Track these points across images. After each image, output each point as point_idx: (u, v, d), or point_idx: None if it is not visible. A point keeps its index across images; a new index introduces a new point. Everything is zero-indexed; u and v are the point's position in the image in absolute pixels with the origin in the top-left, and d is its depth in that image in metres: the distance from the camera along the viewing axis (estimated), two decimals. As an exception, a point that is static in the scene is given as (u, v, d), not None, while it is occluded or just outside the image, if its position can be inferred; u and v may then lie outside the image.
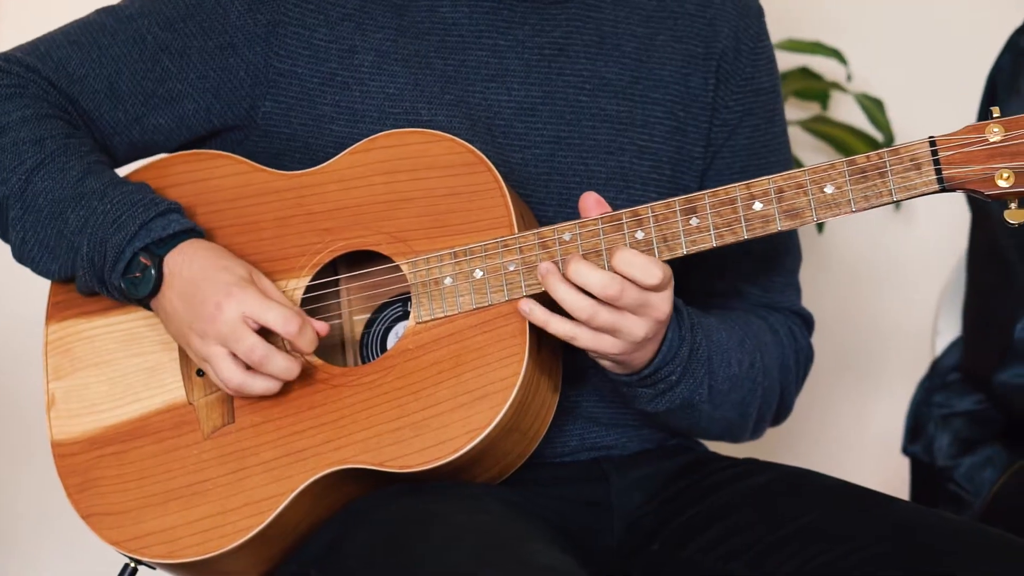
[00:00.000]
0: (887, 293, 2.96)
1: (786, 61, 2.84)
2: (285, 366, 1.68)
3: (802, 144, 2.90)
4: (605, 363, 1.69)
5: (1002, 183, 1.62)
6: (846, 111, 2.88)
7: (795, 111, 2.90)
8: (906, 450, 2.33)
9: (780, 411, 1.89)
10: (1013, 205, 1.63)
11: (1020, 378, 2.17)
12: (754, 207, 1.66)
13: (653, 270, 1.63)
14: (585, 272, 1.63)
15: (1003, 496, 2.17)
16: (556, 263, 1.67)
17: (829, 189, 1.65)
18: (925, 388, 2.33)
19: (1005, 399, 2.20)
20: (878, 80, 2.88)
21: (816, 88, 2.84)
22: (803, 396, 1.95)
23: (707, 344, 1.74)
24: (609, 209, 1.67)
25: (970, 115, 2.38)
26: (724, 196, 1.66)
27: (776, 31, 2.82)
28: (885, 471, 2.70)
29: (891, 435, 2.64)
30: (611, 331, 1.64)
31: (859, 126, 2.84)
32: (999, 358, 2.18)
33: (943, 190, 1.63)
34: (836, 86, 2.83)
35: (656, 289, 1.64)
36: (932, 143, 1.63)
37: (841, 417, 2.97)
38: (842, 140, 2.85)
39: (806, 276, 2.00)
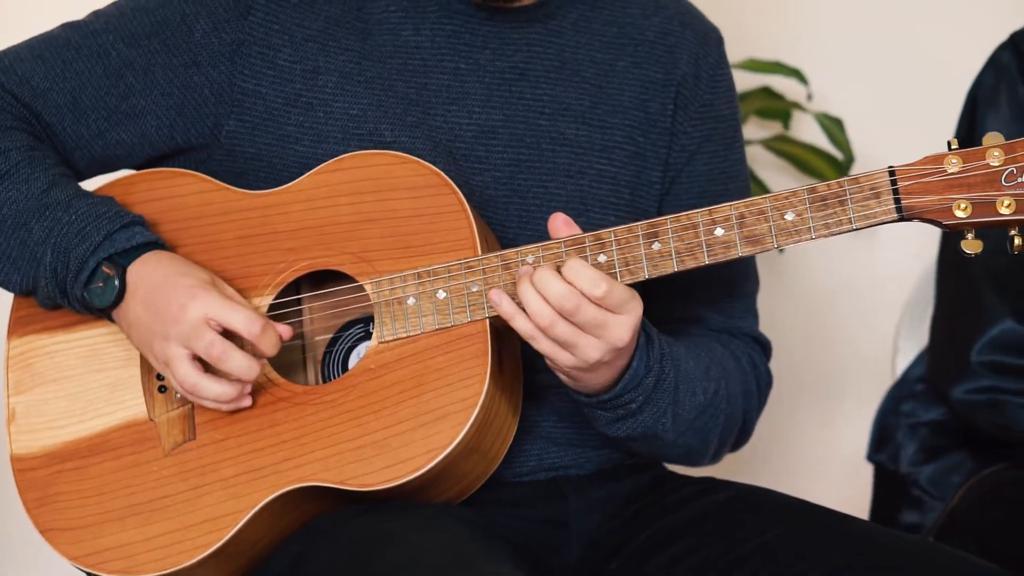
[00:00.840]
0: (847, 315, 2.97)
1: (748, 81, 2.86)
2: (245, 364, 1.67)
3: (764, 163, 2.92)
4: (562, 377, 1.70)
5: (959, 214, 1.64)
6: (808, 130, 2.90)
7: (757, 130, 2.92)
8: (871, 458, 2.35)
9: (740, 437, 1.91)
10: (970, 235, 1.65)
11: (973, 395, 2.20)
12: (716, 232, 1.67)
13: (599, 282, 1.62)
14: (548, 280, 1.63)
15: (962, 507, 2.19)
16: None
17: (790, 216, 1.66)
18: (893, 397, 2.35)
19: (961, 415, 2.23)
20: (839, 99, 2.89)
21: (778, 107, 2.86)
22: (763, 417, 1.97)
23: (675, 374, 1.74)
24: (578, 230, 1.68)
25: (930, 134, 2.40)
26: (686, 221, 1.67)
27: (737, 51, 2.84)
28: (847, 490, 2.71)
29: (852, 456, 2.65)
30: (567, 346, 1.64)
31: (820, 145, 2.85)
32: (957, 374, 2.21)
33: (901, 219, 1.65)
34: (797, 106, 2.85)
35: (610, 309, 1.64)
36: (892, 173, 1.64)
37: (802, 437, 2.99)
38: (803, 159, 2.86)
39: (766, 297, 2.01)
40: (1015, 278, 2.19)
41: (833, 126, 2.80)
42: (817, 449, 2.98)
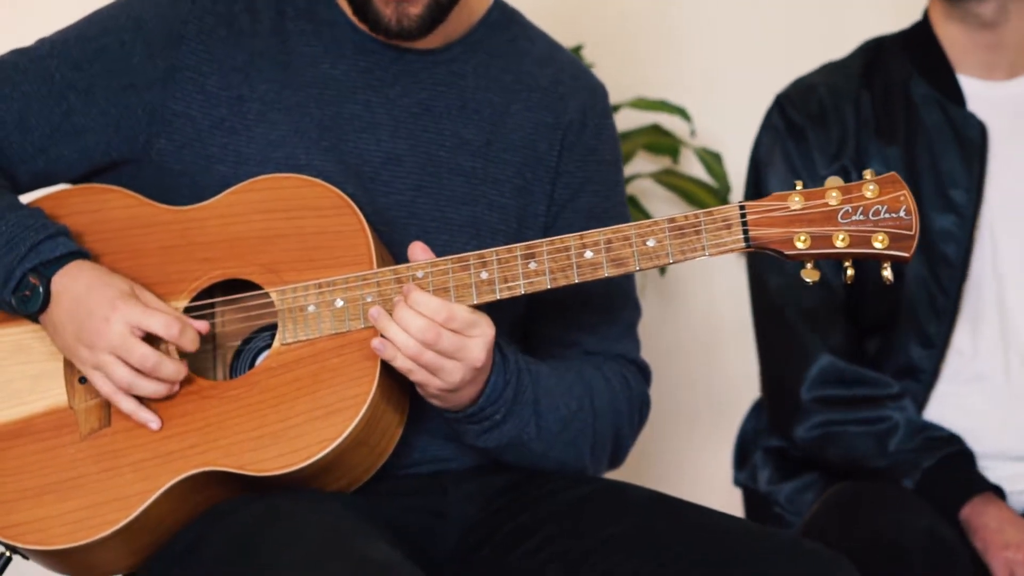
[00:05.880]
0: (736, 340, 3.06)
1: (637, 118, 2.97)
2: (174, 369, 1.77)
3: (653, 195, 3.01)
4: (434, 402, 1.80)
5: (800, 245, 1.75)
6: (696, 164, 3.01)
7: (647, 164, 3.01)
8: (736, 480, 2.43)
9: (616, 454, 1.96)
10: (809, 265, 1.76)
11: (812, 431, 2.27)
12: (585, 255, 1.77)
13: (440, 309, 1.73)
14: (407, 317, 1.73)
15: (815, 519, 2.28)
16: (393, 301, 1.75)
17: (651, 243, 1.77)
18: (753, 419, 2.42)
19: (809, 453, 2.29)
20: (722, 134, 2.99)
21: (665, 143, 2.96)
22: (657, 439, 2.00)
23: (534, 388, 1.83)
24: (433, 256, 1.78)
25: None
26: (560, 244, 1.77)
27: (627, 90, 2.94)
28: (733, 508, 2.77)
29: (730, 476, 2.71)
30: (435, 371, 1.75)
31: (704, 178, 2.97)
32: (793, 416, 2.27)
33: (749, 248, 1.76)
34: (682, 142, 2.96)
35: (460, 332, 1.73)
36: (742, 207, 1.75)
37: (691, 458, 3.07)
38: (689, 191, 2.97)
39: (660, 325, 2.06)
40: (823, 314, 2.25)
41: (712, 160, 2.91)
42: (704, 468, 3.05)
